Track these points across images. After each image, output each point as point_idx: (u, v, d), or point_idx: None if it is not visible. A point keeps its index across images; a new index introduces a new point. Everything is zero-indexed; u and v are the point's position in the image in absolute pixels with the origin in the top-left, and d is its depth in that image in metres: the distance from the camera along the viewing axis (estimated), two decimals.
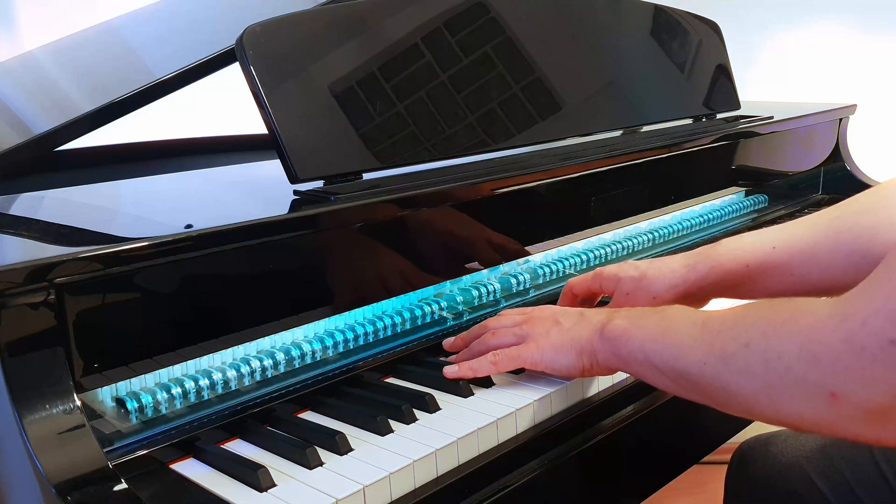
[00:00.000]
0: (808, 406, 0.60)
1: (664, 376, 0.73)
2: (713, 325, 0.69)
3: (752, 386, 0.64)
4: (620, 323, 0.78)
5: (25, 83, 1.41)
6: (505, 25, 1.10)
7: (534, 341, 0.84)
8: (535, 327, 0.85)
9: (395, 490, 0.68)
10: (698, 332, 0.70)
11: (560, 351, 0.82)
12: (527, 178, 1.01)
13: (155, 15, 1.44)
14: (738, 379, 0.65)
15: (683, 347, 0.70)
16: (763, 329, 0.63)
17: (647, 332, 0.75)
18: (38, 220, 0.87)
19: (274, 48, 0.87)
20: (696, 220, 1.38)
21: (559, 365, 0.82)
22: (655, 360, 0.73)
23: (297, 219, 0.80)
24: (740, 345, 0.64)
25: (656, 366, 0.73)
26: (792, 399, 0.61)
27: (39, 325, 0.63)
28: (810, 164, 1.69)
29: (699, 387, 0.69)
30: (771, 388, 0.62)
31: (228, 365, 0.79)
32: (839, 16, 2.16)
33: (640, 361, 0.75)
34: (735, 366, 0.65)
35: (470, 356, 0.87)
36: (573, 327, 0.83)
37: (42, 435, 0.62)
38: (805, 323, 0.60)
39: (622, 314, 0.80)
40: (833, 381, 0.57)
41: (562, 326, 0.84)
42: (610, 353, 0.79)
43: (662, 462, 0.94)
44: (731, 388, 0.66)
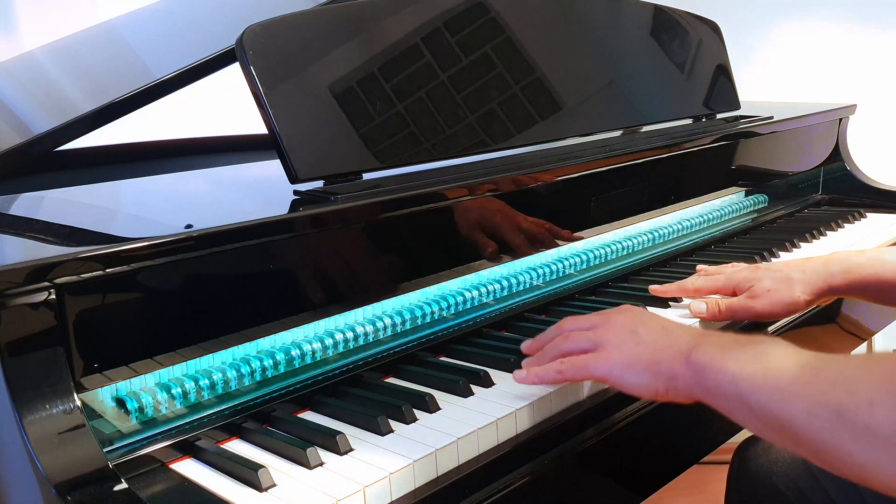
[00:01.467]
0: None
1: (757, 419, 0.66)
2: (828, 373, 0.61)
3: (874, 450, 0.56)
4: (711, 350, 0.71)
5: (25, 83, 1.41)
6: (505, 25, 1.10)
7: (605, 351, 0.77)
8: (610, 334, 0.79)
9: (395, 490, 0.68)
10: (808, 378, 0.62)
11: (633, 369, 0.75)
12: (527, 178, 1.01)
13: (155, 15, 1.44)
14: (855, 439, 0.57)
15: (787, 392, 0.63)
16: (891, 388, 0.56)
17: (743, 367, 0.67)
18: (38, 220, 0.87)
19: (274, 48, 0.87)
20: (696, 220, 1.38)
21: (630, 384, 0.76)
22: (750, 399, 0.66)
23: (297, 219, 0.80)
24: (864, 402, 0.57)
25: (750, 406, 0.66)
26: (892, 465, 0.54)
27: (39, 325, 0.63)
28: (810, 164, 1.69)
29: (801, 439, 0.62)
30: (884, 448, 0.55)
31: (228, 365, 0.79)
32: (839, 16, 2.17)
33: (729, 397, 0.68)
34: (853, 424, 0.57)
35: (543, 360, 0.82)
36: (653, 343, 0.76)
37: (42, 435, 0.62)
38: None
39: (713, 339, 0.73)
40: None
41: (639, 339, 0.77)
42: (694, 382, 0.71)
43: (662, 462, 0.94)
44: (845, 449, 0.58)
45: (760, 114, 1.50)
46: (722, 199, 1.44)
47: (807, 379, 0.62)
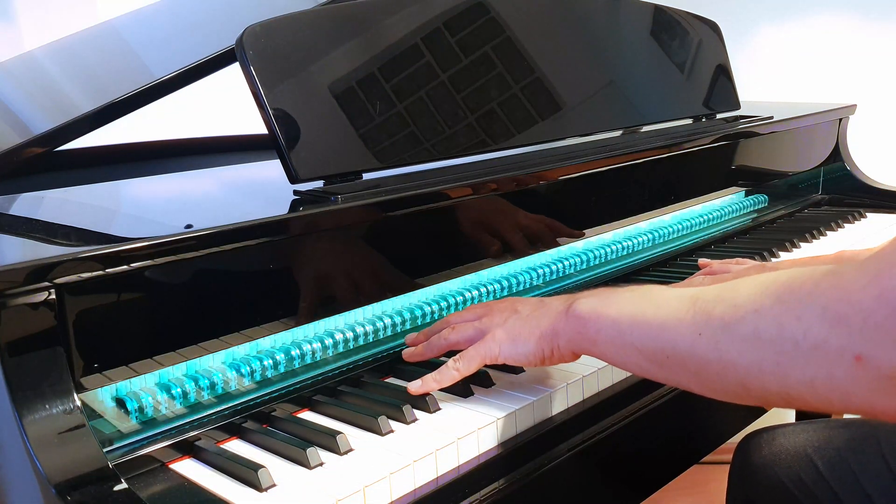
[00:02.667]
0: (823, 372, 0.55)
1: (640, 355, 0.68)
2: (707, 296, 0.64)
3: (758, 353, 0.58)
4: (588, 301, 0.74)
5: (25, 83, 1.41)
6: (505, 25, 1.10)
7: (491, 334, 0.80)
8: (494, 318, 0.82)
9: (395, 490, 0.68)
10: (688, 305, 0.65)
11: (517, 340, 0.79)
12: (527, 178, 1.01)
13: (155, 15, 1.44)
14: (743, 346, 0.59)
15: (670, 320, 0.65)
16: (778, 293, 0.58)
17: (622, 309, 0.70)
18: (38, 220, 0.87)
19: (274, 48, 0.87)
20: (696, 220, 1.38)
21: (517, 354, 0.79)
22: (632, 336, 0.68)
23: (297, 219, 0.80)
24: (749, 311, 0.59)
25: (632, 343, 0.68)
26: (806, 366, 0.56)
27: (39, 325, 0.63)
28: (810, 164, 1.69)
29: (687, 362, 0.64)
30: (781, 355, 0.57)
31: (228, 365, 0.79)
32: (839, 15, 2.16)
33: (611, 340, 0.70)
34: (740, 332, 0.59)
35: (429, 350, 0.86)
36: (532, 313, 0.80)
37: (42, 435, 0.62)
38: (829, 283, 0.55)
39: (588, 294, 0.75)
40: (861, 343, 0.52)
41: (520, 315, 0.81)
42: (575, 333, 0.74)
43: (663, 462, 0.94)
44: (730, 358, 0.60)
45: (760, 114, 1.50)
46: (722, 199, 1.44)
47: (686, 306, 0.64)
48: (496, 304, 0.86)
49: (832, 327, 0.54)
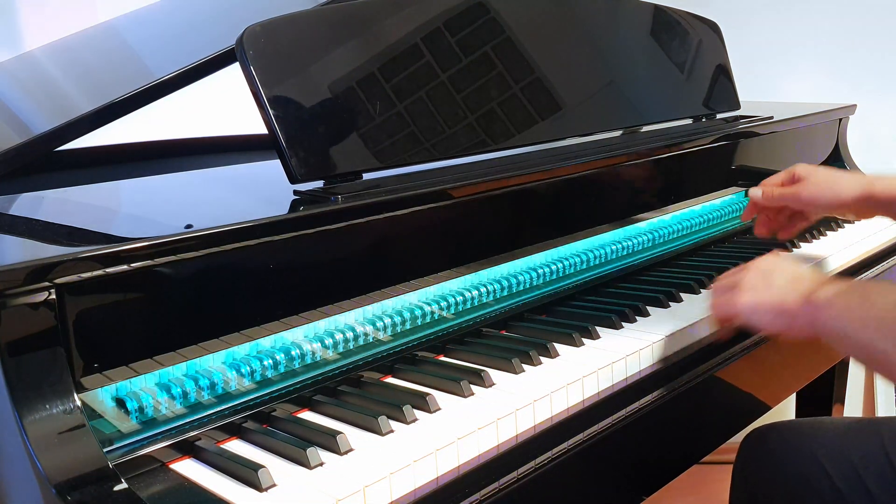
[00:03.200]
0: None
1: (854, 346, 0.81)
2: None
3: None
4: (827, 292, 0.83)
5: (25, 83, 1.41)
6: (505, 25, 1.10)
7: (739, 293, 0.90)
8: (748, 276, 0.91)
9: (395, 490, 0.68)
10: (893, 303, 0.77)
11: (758, 311, 0.88)
12: (527, 178, 1.01)
13: (155, 15, 1.44)
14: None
15: (883, 331, 0.77)
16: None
17: (847, 303, 0.81)
18: (38, 220, 0.87)
19: (274, 48, 0.87)
20: (696, 220, 1.38)
21: (755, 323, 0.90)
22: (849, 329, 0.80)
23: (297, 219, 0.80)
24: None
25: (850, 335, 0.80)
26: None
27: (39, 325, 0.63)
28: (810, 163, 1.68)
29: (883, 355, 0.77)
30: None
31: (228, 365, 0.79)
32: (839, 16, 2.16)
33: (834, 330, 0.82)
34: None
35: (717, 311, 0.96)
36: (782, 288, 0.88)
37: (42, 435, 0.62)
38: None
39: (833, 284, 0.85)
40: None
41: (770, 283, 0.89)
42: (810, 320, 0.84)
43: (662, 461, 0.94)
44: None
45: (760, 114, 1.50)
46: (722, 199, 1.44)
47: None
48: (758, 260, 0.94)
49: None
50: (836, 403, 1.73)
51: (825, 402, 1.73)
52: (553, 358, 0.91)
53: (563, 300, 1.10)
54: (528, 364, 0.89)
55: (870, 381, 2.22)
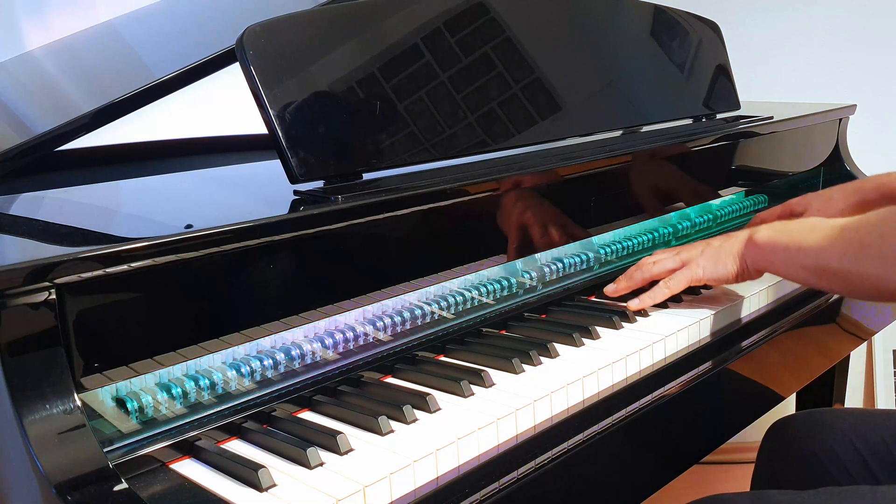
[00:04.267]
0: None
1: (804, 270, 0.94)
2: (850, 226, 0.90)
3: (883, 266, 0.85)
4: (766, 232, 0.99)
5: (25, 83, 1.41)
6: (505, 25, 1.10)
7: (693, 262, 1.04)
8: (691, 251, 1.05)
9: (395, 490, 0.68)
10: (837, 233, 0.90)
11: (718, 262, 1.02)
12: (527, 178, 1.01)
13: (155, 15, 1.44)
14: (873, 262, 0.86)
15: (823, 245, 0.91)
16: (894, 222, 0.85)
17: (792, 237, 0.95)
18: (38, 220, 0.87)
19: (274, 48, 0.87)
20: (696, 220, 1.38)
21: (717, 273, 1.03)
22: (800, 258, 0.94)
23: (297, 219, 0.80)
24: (875, 236, 0.86)
25: (800, 264, 0.94)
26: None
27: (39, 325, 0.63)
28: (810, 164, 1.69)
29: (835, 274, 0.90)
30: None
31: (228, 365, 0.79)
32: (839, 16, 2.16)
33: (784, 261, 0.96)
34: (870, 251, 0.86)
35: (631, 282, 1.06)
36: (723, 244, 1.03)
37: (42, 435, 0.62)
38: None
39: (764, 227, 1.00)
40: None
41: (712, 245, 1.04)
42: (759, 256, 0.99)
43: (662, 462, 0.94)
44: (866, 271, 0.87)
45: (760, 114, 1.50)
46: (722, 199, 1.44)
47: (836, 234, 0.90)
48: (689, 244, 1.08)
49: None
50: (837, 402, 1.74)
51: (826, 401, 1.73)
52: (553, 358, 0.91)
53: (563, 300, 1.10)
54: (528, 364, 0.89)
55: (870, 379, 2.22)
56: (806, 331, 1.13)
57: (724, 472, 1.65)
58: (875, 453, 1.04)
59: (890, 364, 2.20)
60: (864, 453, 1.05)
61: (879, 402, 2.19)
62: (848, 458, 1.05)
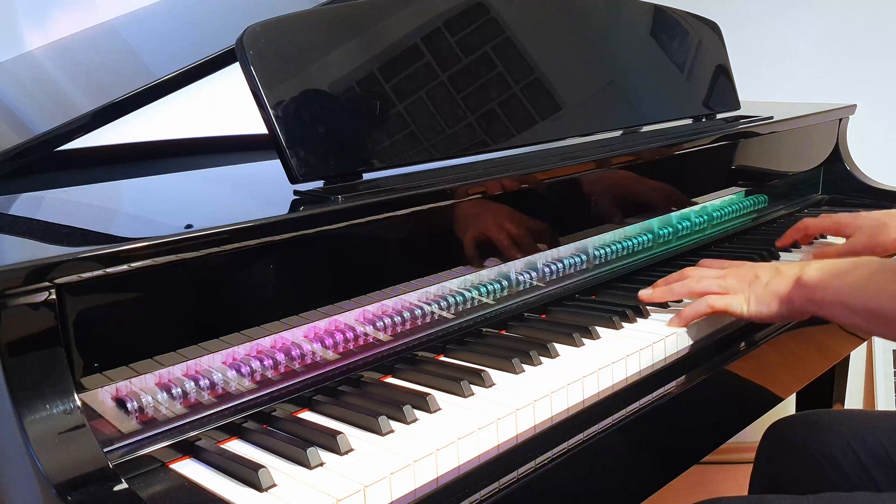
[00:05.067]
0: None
1: (856, 314, 0.89)
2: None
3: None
4: (815, 273, 0.94)
5: (25, 83, 1.41)
6: (505, 25, 1.10)
7: (739, 294, 0.98)
8: (737, 280, 0.99)
9: (396, 490, 0.68)
10: (890, 276, 0.87)
11: (762, 303, 0.97)
12: (527, 178, 1.01)
13: (155, 15, 1.44)
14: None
15: (877, 289, 0.87)
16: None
17: (842, 279, 0.91)
18: (38, 220, 0.87)
19: (274, 48, 0.87)
20: (696, 220, 1.38)
21: (763, 313, 0.97)
22: (849, 301, 0.89)
23: (297, 219, 0.80)
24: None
25: (849, 306, 0.90)
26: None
27: (39, 325, 0.63)
28: (810, 164, 1.69)
29: (889, 317, 0.86)
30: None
31: (228, 365, 0.79)
32: (839, 16, 2.16)
33: (832, 303, 0.91)
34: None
35: (669, 294, 1.03)
36: (771, 281, 0.97)
37: (42, 435, 0.62)
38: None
39: (813, 266, 0.96)
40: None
41: (760, 281, 0.98)
42: (806, 299, 0.94)
43: (662, 462, 0.94)
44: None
45: (760, 114, 1.50)
46: (722, 199, 1.44)
47: (889, 276, 0.88)
48: (737, 266, 1.03)
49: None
50: (837, 403, 1.74)
51: (826, 402, 1.73)
52: (553, 358, 0.91)
53: (563, 300, 1.10)
54: (528, 364, 0.89)
55: (870, 379, 2.22)
56: (806, 331, 1.13)
57: (723, 472, 1.65)
58: (873, 456, 1.04)
59: (890, 364, 2.20)
60: (863, 456, 1.04)
61: (880, 402, 2.19)
62: (846, 460, 1.05)
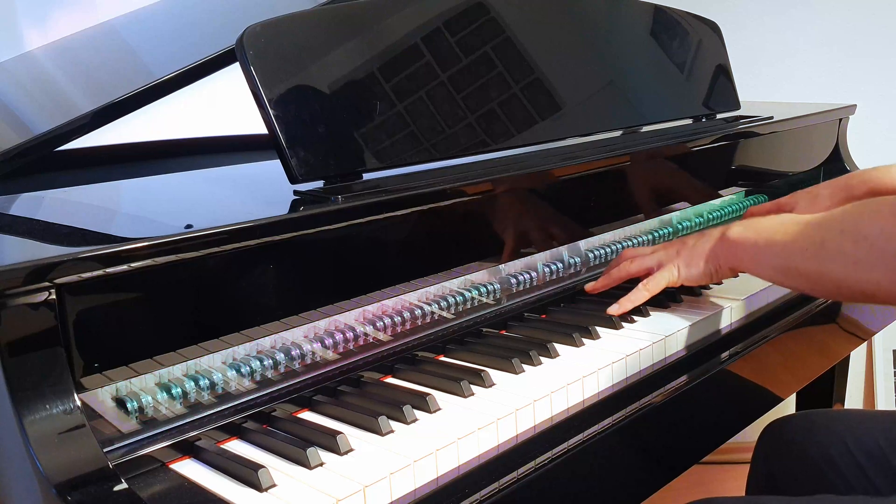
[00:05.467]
0: (885, 275, 0.77)
1: (773, 270, 0.91)
2: (813, 221, 0.87)
3: (842, 263, 0.81)
4: (737, 230, 0.96)
5: (25, 83, 1.41)
6: (505, 25, 1.10)
7: (669, 264, 1.01)
8: (668, 251, 1.03)
9: (395, 490, 0.68)
10: (801, 229, 0.87)
11: (691, 264, 1.00)
12: (527, 178, 1.01)
13: (155, 15, 1.44)
14: (833, 258, 0.82)
15: (788, 243, 0.88)
16: (854, 219, 0.81)
17: (761, 234, 0.93)
18: (38, 220, 0.87)
19: (274, 48, 0.87)
20: (696, 220, 1.38)
21: (693, 274, 1.00)
22: (765, 254, 0.91)
23: (297, 219, 0.80)
24: (835, 232, 0.82)
25: (768, 262, 0.91)
26: (872, 270, 0.78)
27: (39, 325, 0.63)
28: (810, 164, 1.69)
29: (799, 272, 0.87)
30: (858, 264, 0.79)
31: (228, 365, 0.79)
32: (839, 16, 2.16)
33: (753, 259, 0.93)
34: (830, 248, 0.82)
35: (610, 280, 1.05)
36: (697, 243, 1.01)
37: (42, 435, 0.62)
38: (886, 211, 0.78)
39: (737, 224, 0.98)
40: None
41: (687, 244, 1.02)
42: (729, 254, 0.96)
43: (662, 462, 0.94)
44: (826, 268, 0.83)
45: (760, 114, 1.50)
46: (722, 199, 1.44)
47: (800, 230, 0.88)
48: (665, 244, 1.07)
49: (886, 241, 0.77)
50: (837, 403, 1.74)
51: (826, 401, 1.73)
52: (553, 358, 0.91)
53: (563, 300, 1.10)
54: (528, 364, 0.89)
55: (870, 379, 2.22)
56: (806, 331, 1.13)
57: (723, 471, 1.65)
58: (870, 458, 1.03)
59: (890, 364, 2.20)
60: (859, 457, 1.03)
61: (880, 402, 2.19)
62: (843, 461, 1.04)
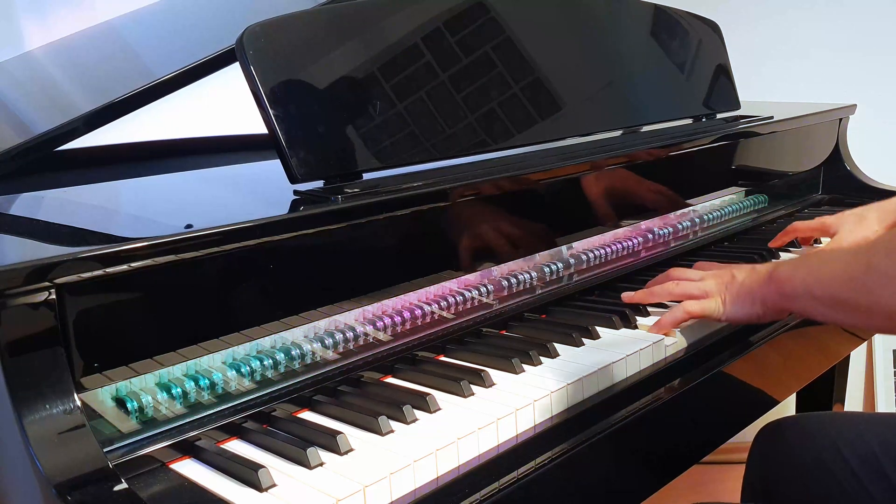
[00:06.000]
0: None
1: (821, 304, 0.86)
2: (861, 249, 0.83)
3: (891, 288, 0.76)
4: (785, 267, 0.93)
5: (25, 83, 1.41)
6: (505, 25, 1.10)
7: (715, 296, 0.97)
8: (714, 282, 0.99)
9: (395, 490, 0.68)
10: (849, 258, 0.83)
11: (737, 303, 0.96)
12: (527, 178, 1.01)
13: (155, 15, 1.44)
14: (882, 284, 0.77)
15: (836, 272, 0.84)
16: None
17: (808, 270, 0.89)
18: (38, 220, 0.87)
19: (274, 48, 0.87)
20: (696, 220, 1.38)
21: (737, 315, 0.96)
22: (815, 290, 0.86)
23: (297, 219, 0.80)
24: (881, 255, 0.78)
25: (815, 296, 0.86)
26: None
27: (39, 325, 0.63)
28: (810, 164, 1.69)
29: (849, 304, 0.82)
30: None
31: (228, 365, 0.79)
32: (839, 16, 2.16)
33: (800, 295, 0.88)
34: (877, 273, 0.77)
35: (650, 296, 1.03)
36: (745, 280, 0.96)
37: (42, 435, 0.62)
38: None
39: (787, 261, 0.95)
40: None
41: (736, 281, 0.97)
42: (776, 294, 0.91)
43: (662, 462, 0.94)
44: (875, 295, 0.78)
45: (760, 114, 1.50)
46: (722, 199, 1.44)
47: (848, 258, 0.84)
48: (715, 269, 1.03)
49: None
50: (837, 403, 1.74)
51: (826, 402, 1.73)
52: (553, 358, 0.91)
53: (562, 300, 1.10)
54: (528, 364, 0.89)
55: (870, 379, 2.22)
56: (805, 331, 1.13)
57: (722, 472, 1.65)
58: (864, 463, 1.02)
59: (890, 364, 2.20)
60: (853, 463, 1.02)
61: (880, 403, 2.19)
62: (836, 467, 1.03)
